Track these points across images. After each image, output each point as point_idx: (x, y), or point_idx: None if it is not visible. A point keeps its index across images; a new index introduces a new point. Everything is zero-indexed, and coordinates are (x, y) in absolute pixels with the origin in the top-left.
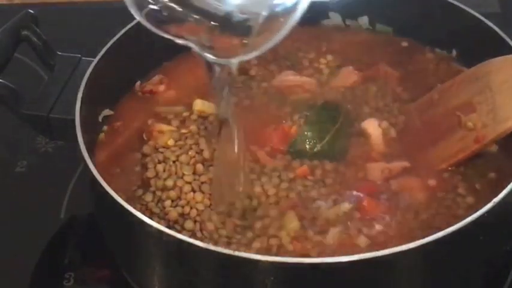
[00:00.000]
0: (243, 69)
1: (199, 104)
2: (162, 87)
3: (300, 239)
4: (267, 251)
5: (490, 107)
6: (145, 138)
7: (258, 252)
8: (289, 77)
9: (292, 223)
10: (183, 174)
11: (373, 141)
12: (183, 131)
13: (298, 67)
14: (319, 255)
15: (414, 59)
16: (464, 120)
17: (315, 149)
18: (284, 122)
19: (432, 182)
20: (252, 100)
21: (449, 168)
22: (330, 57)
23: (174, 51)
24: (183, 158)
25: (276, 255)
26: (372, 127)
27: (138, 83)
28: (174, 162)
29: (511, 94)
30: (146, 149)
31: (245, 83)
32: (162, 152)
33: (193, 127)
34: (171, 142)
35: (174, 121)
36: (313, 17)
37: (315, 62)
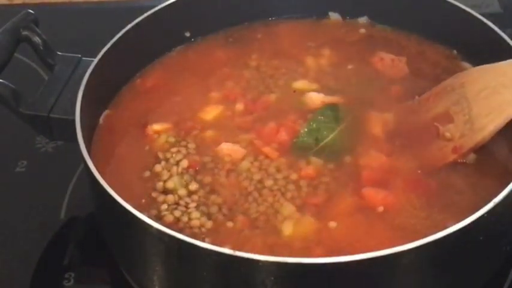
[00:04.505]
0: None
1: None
2: (161, 86)
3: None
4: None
5: (467, 117)
6: (144, 137)
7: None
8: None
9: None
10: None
11: (375, 135)
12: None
13: (299, 63)
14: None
15: (414, 58)
16: (442, 131)
17: (318, 147)
18: (290, 119)
19: (430, 181)
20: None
21: (447, 167)
22: (331, 53)
23: (174, 50)
24: (178, 156)
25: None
26: (374, 121)
27: (138, 82)
28: (176, 164)
29: (487, 103)
30: (146, 149)
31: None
32: (162, 153)
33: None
34: (170, 141)
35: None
36: (313, 14)
37: (316, 58)
